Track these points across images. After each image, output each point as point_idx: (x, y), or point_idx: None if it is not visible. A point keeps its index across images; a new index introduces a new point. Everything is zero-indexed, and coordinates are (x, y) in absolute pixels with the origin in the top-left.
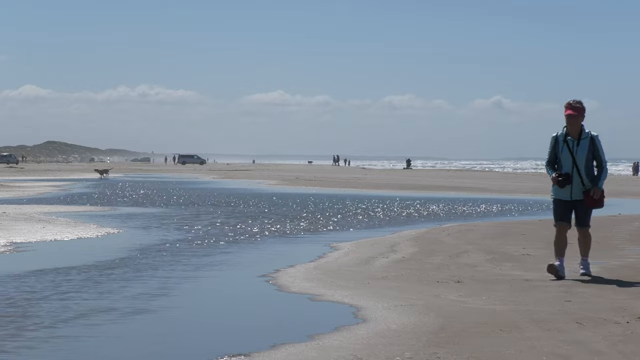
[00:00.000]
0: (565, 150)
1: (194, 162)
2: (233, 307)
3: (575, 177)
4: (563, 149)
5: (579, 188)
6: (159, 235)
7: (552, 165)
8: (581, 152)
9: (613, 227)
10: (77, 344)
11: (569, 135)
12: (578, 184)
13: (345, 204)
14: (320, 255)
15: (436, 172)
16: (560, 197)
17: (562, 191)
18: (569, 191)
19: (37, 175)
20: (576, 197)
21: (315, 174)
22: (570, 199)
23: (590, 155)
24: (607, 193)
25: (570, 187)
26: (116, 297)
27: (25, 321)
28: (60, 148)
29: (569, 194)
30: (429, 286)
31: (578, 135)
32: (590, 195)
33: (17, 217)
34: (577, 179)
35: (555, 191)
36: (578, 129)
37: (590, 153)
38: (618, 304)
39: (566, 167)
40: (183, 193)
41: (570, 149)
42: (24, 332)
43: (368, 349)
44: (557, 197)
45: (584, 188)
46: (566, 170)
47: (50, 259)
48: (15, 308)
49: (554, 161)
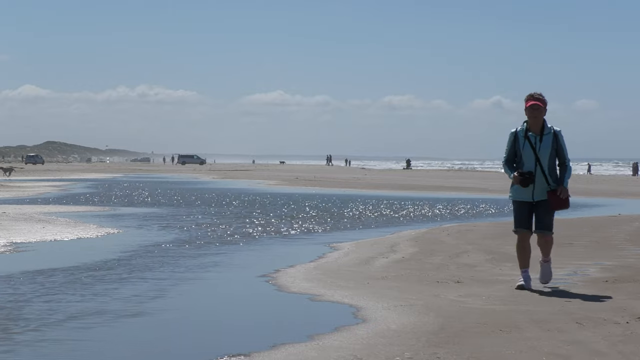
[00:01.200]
0: (527, 146)
1: (194, 162)
2: (233, 307)
3: (539, 176)
4: (524, 145)
5: (542, 188)
6: (159, 236)
7: (511, 164)
8: (544, 148)
9: (613, 227)
10: (74, 345)
11: (530, 131)
12: (541, 184)
13: (345, 204)
14: (320, 255)
15: (436, 173)
16: (520, 197)
17: (524, 191)
18: (531, 191)
19: (37, 176)
20: (539, 198)
21: (315, 174)
22: (532, 200)
23: (554, 152)
24: (606, 193)
25: (533, 187)
26: (116, 297)
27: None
28: (60, 148)
29: (531, 195)
30: (428, 286)
31: (540, 130)
32: (557, 194)
33: (17, 217)
34: (541, 178)
35: (515, 191)
36: (541, 123)
37: (554, 150)
38: (618, 304)
39: (528, 165)
40: (183, 193)
41: (532, 145)
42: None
43: (368, 349)
44: (517, 199)
45: (549, 187)
46: (528, 168)
47: (50, 259)
48: (20, 310)
49: (513, 159)
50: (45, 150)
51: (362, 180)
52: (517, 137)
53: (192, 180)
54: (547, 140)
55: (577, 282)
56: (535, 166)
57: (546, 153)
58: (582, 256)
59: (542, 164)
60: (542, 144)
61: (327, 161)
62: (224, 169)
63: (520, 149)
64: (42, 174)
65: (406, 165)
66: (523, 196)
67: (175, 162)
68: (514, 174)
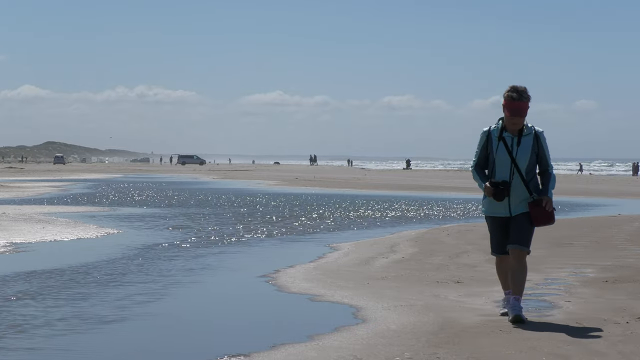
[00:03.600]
0: (502, 149)
1: (194, 162)
2: (233, 307)
3: (516, 185)
4: (498, 147)
5: (521, 199)
6: (159, 236)
7: (482, 170)
8: (523, 151)
9: (613, 227)
10: (74, 344)
11: (507, 131)
12: (520, 194)
13: (344, 204)
14: (320, 255)
15: (435, 173)
16: (495, 213)
17: (498, 205)
18: (507, 205)
19: (37, 176)
20: (517, 212)
21: (315, 174)
22: (510, 215)
23: (534, 157)
24: (606, 193)
25: (508, 200)
26: (116, 296)
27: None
28: (60, 148)
29: (507, 209)
30: (428, 286)
31: (519, 130)
32: (543, 206)
33: (17, 217)
34: (519, 188)
35: (488, 205)
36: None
37: (534, 154)
38: (618, 304)
39: (502, 172)
40: (183, 193)
41: (508, 147)
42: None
43: (368, 349)
44: (491, 214)
45: (531, 198)
46: (502, 176)
47: (50, 259)
48: (29, 308)
49: (485, 164)
50: (45, 151)
51: (362, 180)
52: (490, 138)
53: (192, 180)
54: (526, 142)
55: (577, 282)
56: (512, 173)
57: (525, 157)
58: (582, 256)
59: (520, 170)
60: (521, 147)
61: (311, 161)
62: (224, 169)
63: (493, 152)
64: (41, 174)
65: (406, 165)
66: (498, 211)
67: (175, 163)
68: (485, 185)
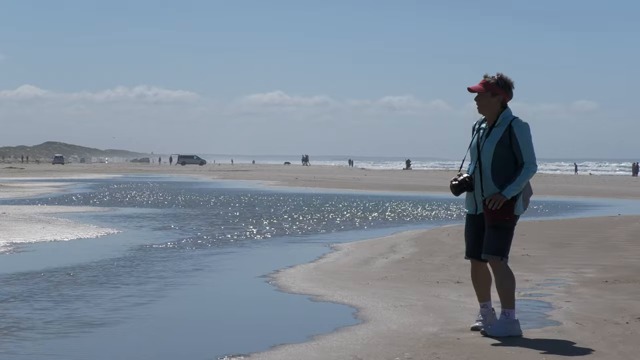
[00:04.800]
0: (475, 141)
1: (194, 162)
2: (233, 307)
3: (479, 180)
4: (474, 139)
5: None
6: (159, 236)
7: None
8: (489, 143)
9: (613, 228)
10: (76, 343)
11: (486, 121)
12: (487, 189)
13: (344, 204)
14: (320, 255)
15: (435, 173)
16: (467, 210)
17: (468, 202)
18: (473, 201)
19: (37, 176)
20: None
21: (315, 174)
22: (475, 213)
23: (505, 150)
24: (606, 193)
25: (473, 196)
26: (116, 296)
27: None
28: (60, 148)
29: (474, 205)
30: (428, 287)
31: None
32: (486, 204)
33: (17, 217)
34: (486, 182)
35: (465, 202)
36: (490, 111)
37: (505, 147)
38: (618, 304)
39: (471, 165)
40: (183, 194)
41: (479, 139)
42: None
43: (368, 349)
44: (466, 211)
45: (483, 196)
46: (470, 169)
47: (50, 259)
48: (30, 310)
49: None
50: (45, 151)
51: (362, 180)
52: (473, 131)
53: (192, 180)
54: (495, 133)
55: (577, 282)
56: (475, 167)
57: (489, 151)
58: (582, 256)
59: (482, 165)
60: (489, 138)
61: (303, 161)
62: (224, 169)
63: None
64: (42, 174)
65: (406, 165)
66: (468, 207)
67: (175, 163)
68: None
